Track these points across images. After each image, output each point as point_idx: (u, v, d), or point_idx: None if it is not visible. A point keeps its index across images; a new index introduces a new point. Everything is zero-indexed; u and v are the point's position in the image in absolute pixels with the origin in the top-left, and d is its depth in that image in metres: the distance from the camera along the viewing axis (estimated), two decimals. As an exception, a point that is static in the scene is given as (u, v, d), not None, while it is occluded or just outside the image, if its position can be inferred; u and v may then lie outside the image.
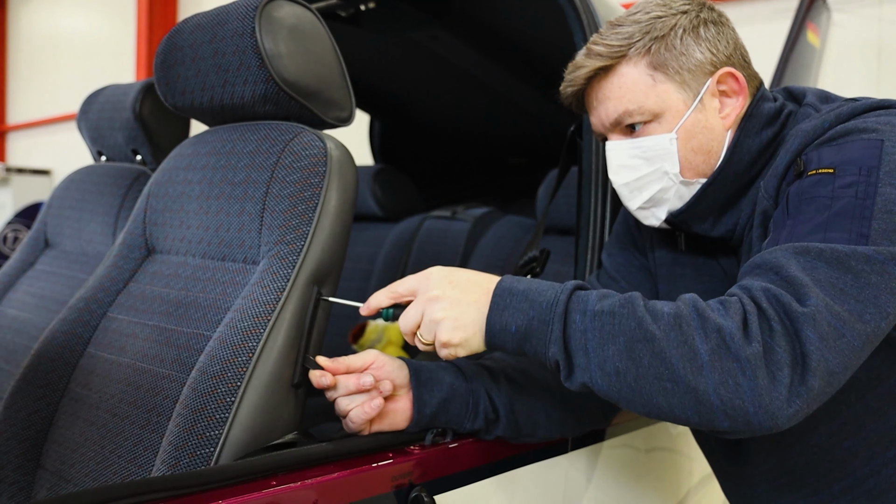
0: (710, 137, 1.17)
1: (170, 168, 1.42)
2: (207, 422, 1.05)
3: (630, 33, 1.16)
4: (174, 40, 1.36)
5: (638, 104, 1.16)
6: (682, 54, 1.15)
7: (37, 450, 1.30)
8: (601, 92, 1.19)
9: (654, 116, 1.16)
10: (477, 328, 1.01)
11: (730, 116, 1.18)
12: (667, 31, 1.16)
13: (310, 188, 1.19)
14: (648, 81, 1.16)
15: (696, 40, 1.16)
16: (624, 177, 1.21)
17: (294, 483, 0.93)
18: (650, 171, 1.18)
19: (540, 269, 1.56)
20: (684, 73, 1.16)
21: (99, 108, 2.21)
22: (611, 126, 1.20)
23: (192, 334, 1.20)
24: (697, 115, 1.16)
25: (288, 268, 1.14)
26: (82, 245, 2.07)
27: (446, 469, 1.12)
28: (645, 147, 1.17)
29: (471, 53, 2.44)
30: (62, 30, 9.83)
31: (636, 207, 1.22)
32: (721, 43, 1.18)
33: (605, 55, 1.16)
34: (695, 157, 1.17)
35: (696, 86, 1.16)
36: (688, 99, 1.16)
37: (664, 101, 1.16)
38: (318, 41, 1.29)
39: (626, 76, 1.17)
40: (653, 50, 1.15)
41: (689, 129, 1.16)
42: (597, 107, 1.21)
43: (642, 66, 1.16)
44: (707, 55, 1.16)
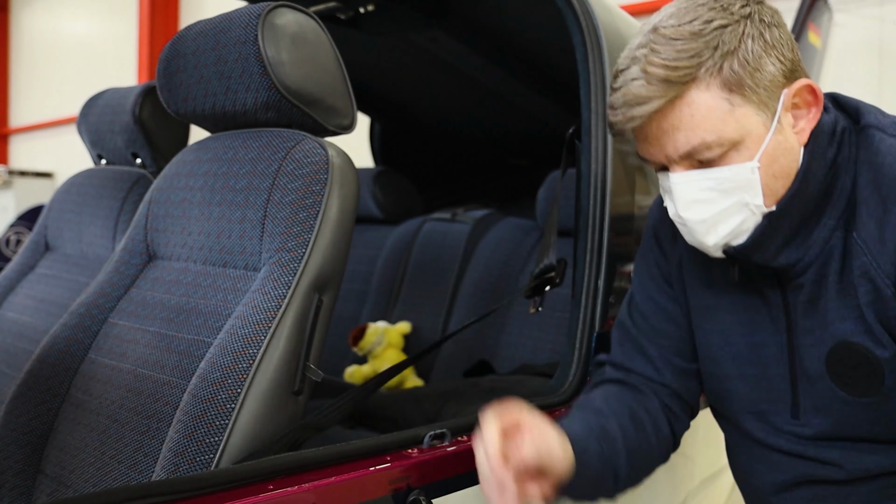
0: (790, 159, 1.04)
1: (172, 174, 1.42)
2: (207, 428, 1.05)
3: (696, 50, 0.98)
4: (177, 47, 1.36)
5: (717, 135, 1.00)
6: (756, 69, 0.99)
7: (37, 455, 1.30)
8: (667, 122, 1.02)
9: (733, 145, 1.01)
10: None
11: (804, 131, 1.05)
12: (736, 42, 0.99)
13: (311, 196, 1.19)
14: (725, 107, 0.99)
15: (766, 49, 1.00)
16: (698, 213, 1.05)
17: (292, 487, 0.94)
18: (729, 205, 1.03)
19: (560, 279, 1.56)
20: (761, 92, 1.00)
21: (99, 112, 2.21)
22: (678, 158, 1.04)
23: (192, 341, 1.20)
24: (777, 137, 1.02)
25: (289, 275, 1.14)
26: (82, 248, 2.08)
27: (445, 472, 1.12)
28: (723, 178, 1.02)
29: (470, 55, 2.45)
30: (64, 33, 9.85)
31: (712, 244, 1.07)
32: (786, 48, 1.03)
33: (673, 81, 0.99)
34: (776, 182, 1.03)
35: (772, 104, 1.02)
36: (767, 120, 1.02)
37: (744, 127, 1.00)
38: (320, 49, 1.29)
39: (698, 103, 0.99)
40: (725, 68, 0.98)
41: (771, 154, 1.02)
42: (659, 137, 1.04)
43: (716, 89, 0.99)
44: (778, 66, 1.01)
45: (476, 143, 3.13)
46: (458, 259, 2.50)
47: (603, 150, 1.51)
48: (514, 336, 2.10)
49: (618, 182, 1.53)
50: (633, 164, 1.61)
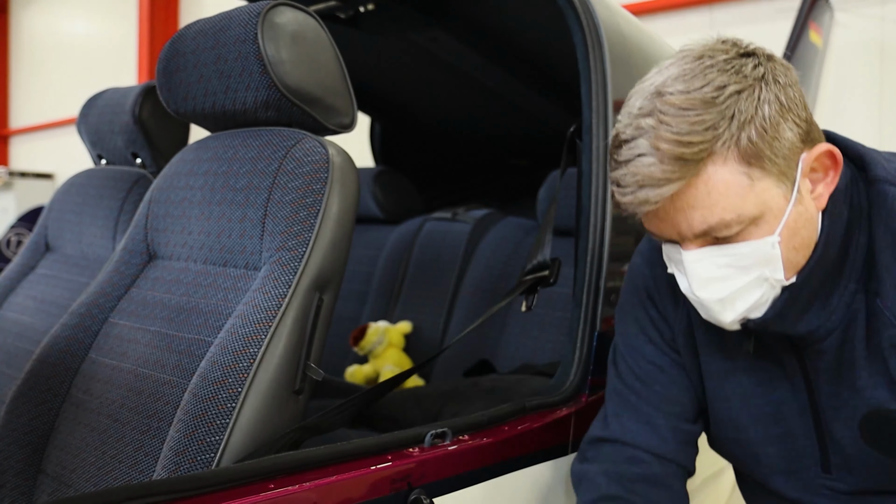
0: (810, 229, 0.97)
1: (172, 174, 1.42)
2: (208, 427, 1.05)
3: (711, 121, 0.88)
4: (176, 46, 1.36)
5: (736, 213, 0.91)
6: (774, 138, 0.90)
7: (38, 455, 1.30)
8: (682, 201, 0.92)
9: (752, 222, 0.93)
10: None
11: (822, 197, 0.97)
12: (753, 110, 0.89)
13: (312, 194, 1.19)
14: (744, 182, 0.90)
15: (783, 113, 0.91)
16: (715, 292, 0.97)
17: (293, 486, 0.93)
18: (748, 282, 0.96)
19: (553, 279, 1.54)
20: (780, 161, 0.91)
21: (98, 112, 2.21)
22: (693, 237, 0.96)
23: (193, 340, 1.20)
24: (798, 207, 0.95)
25: (290, 274, 1.14)
26: (83, 248, 2.08)
27: (446, 471, 1.12)
28: (741, 255, 0.95)
29: (470, 55, 2.44)
30: (64, 34, 9.85)
31: (729, 321, 1.00)
32: (800, 107, 0.94)
33: (689, 159, 0.89)
34: (797, 255, 0.96)
35: (791, 173, 0.93)
36: (787, 191, 0.93)
37: (765, 202, 0.92)
38: (320, 47, 1.29)
39: (715, 180, 0.90)
40: (743, 139, 0.89)
41: (792, 227, 0.95)
42: (672, 216, 0.94)
43: (734, 164, 0.90)
44: (795, 130, 0.92)
45: (476, 143, 3.13)
46: (458, 259, 2.50)
47: (604, 149, 1.50)
48: (515, 336, 2.10)
49: (618, 181, 1.53)
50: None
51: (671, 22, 4.80)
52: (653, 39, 1.90)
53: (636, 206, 0.94)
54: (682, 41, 0.99)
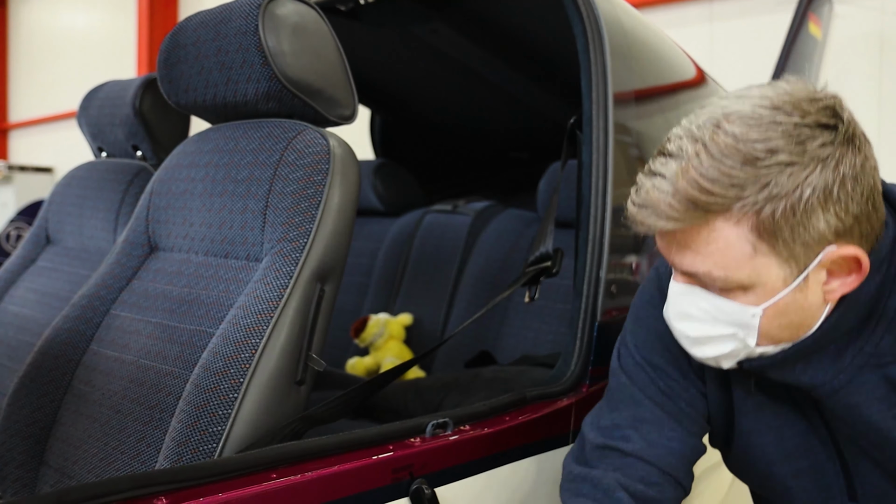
0: (803, 316, 0.93)
1: (173, 165, 1.42)
2: (210, 418, 1.05)
3: (740, 180, 0.84)
4: (177, 38, 1.36)
5: (725, 273, 0.90)
6: (800, 224, 0.85)
7: (40, 446, 1.30)
8: (682, 236, 0.91)
9: (740, 287, 0.91)
10: None
11: (835, 292, 0.92)
12: (791, 188, 0.83)
13: (313, 185, 1.19)
14: (747, 250, 0.87)
15: (825, 203, 0.84)
16: (688, 328, 0.98)
17: (295, 476, 0.94)
18: (721, 334, 0.95)
19: (556, 269, 1.53)
20: (796, 247, 0.87)
21: (99, 105, 2.21)
22: (682, 273, 0.96)
23: (195, 331, 1.20)
24: (796, 295, 0.91)
25: (291, 265, 1.15)
26: (83, 241, 2.08)
27: (447, 461, 1.12)
28: (721, 309, 0.93)
29: (471, 47, 2.44)
30: (63, 26, 9.83)
31: (699, 357, 1.01)
32: (854, 200, 0.85)
33: (700, 207, 0.86)
34: (779, 332, 0.94)
35: (805, 260, 0.88)
36: (789, 276, 0.89)
37: (759, 276, 0.89)
38: (321, 39, 1.29)
39: (719, 234, 0.87)
40: (765, 212, 0.84)
41: (780, 309, 0.92)
42: (671, 248, 0.94)
43: (744, 229, 0.86)
44: (833, 223, 0.86)
45: (477, 136, 3.13)
46: (459, 251, 2.50)
47: (604, 141, 1.50)
48: (516, 327, 2.10)
49: (619, 173, 1.53)
50: (634, 155, 1.61)
51: (671, 14, 4.79)
52: (653, 31, 1.89)
53: (635, 221, 0.92)
54: (682, 34, 0.95)
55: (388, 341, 2.37)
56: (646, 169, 0.93)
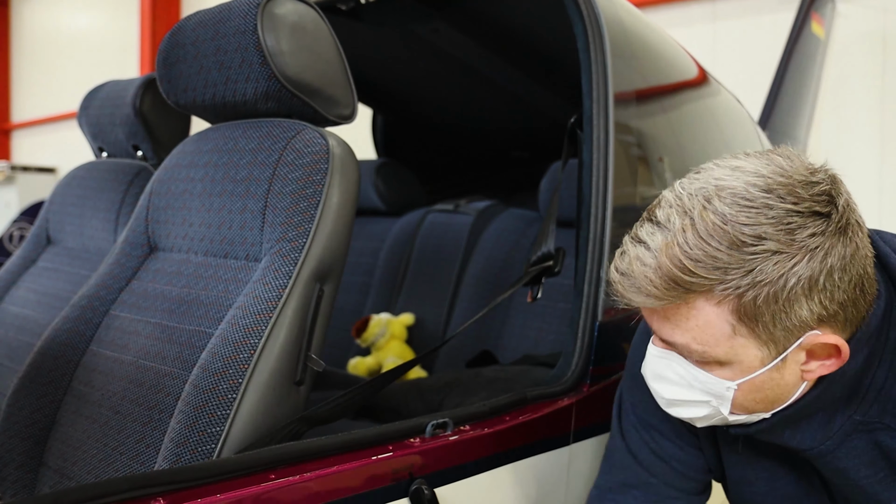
0: (779, 392, 0.93)
1: (172, 165, 1.42)
2: (209, 418, 1.05)
3: (724, 264, 0.83)
4: (176, 38, 1.36)
5: (703, 348, 0.90)
6: (782, 310, 0.85)
7: (40, 447, 1.30)
8: (663, 310, 0.91)
9: (717, 363, 0.91)
10: None
11: (814, 373, 0.92)
12: (775, 278, 0.83)
13: (312, 185, 1.19)
14: (726, 330, 0.87)
15: (810, 293, 0.84)
16: (663, 390, 0.98)
17: (294, 476, 0.93)
18: (696, 400, 0.95)
19: (558, 268, 1.54)
20: (776, 332, 0.87)
21: (99, 105, 2.21)
22: (660, 339, 0.96)
23: (194, 331, 1.20)
24: (772, 374, 0.91)
25: (290, 265, 1.14)
26: (84, 241, 2.08)
27: (447, 461, 1.12)
28: (696, 378, 0.94)
29: (472, 46, 2.44)
30: (65, 27, 9.85)
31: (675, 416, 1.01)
32: (840, 289, 0.85)
33: (682, 286, 0.85)
34: (754, 405, 0.95)
35: (784, 343, 0.88)
36: (766, 357, 0.89)
37: (736, 355, 0.89)
38: (320, 38, 1.29)
39: (699, 311, 0.87)
40: (747, 297, 0.84)
41: (755, 385, 0.92)
42: (651, 315, 0.94)
43: (725, 311, 0.86)
44: (816, 310, 0.85)
45: (478, 135, 3.12)
46: (460, 250, 2.50)
47: (605, 140, 1.50)
48: (517, 327, 2.10)
49: (620, 172, 1.53)
50: (635, 155, 1.61)
51: (674, 13, 4.79)
52: (654, 30, 1.89)
53: (617, 293, 0.92)
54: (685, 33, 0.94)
55: (390, 341, 2.37)
56: (633, 233, 0.92)
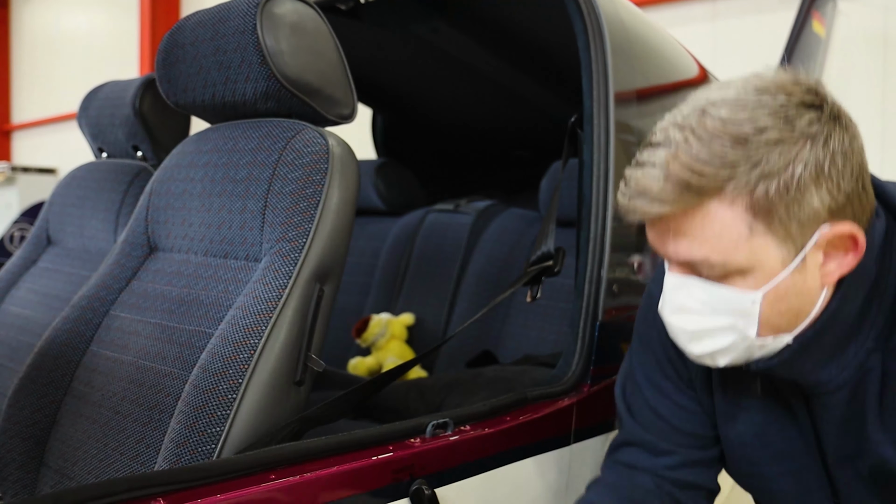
0: (803, 300, 0.92)
1: (172, 166, 1.42)
2: (209, 419, 1.05)
3: (731, 160, 0.84)
4: (175, 38, 1.36)
5: (723, 257, 0.88)
6: (795, 201, 0.85)
7: (40, 447, 1.30)
8: (676, 225, 0.89)
9: (738, 272, 0.89)
10: None
11: (832, 274, 0.91)
12: (783, 166, 0.84)
13: (312, 185, 1.19)
14: (743, 231, 0.86)
15: (818, 181, 0.85)
16: (685, 322, 0.96)
17: (294, 476, 0.93)
18: (719, 325, 0.93)
19: (558, 268, 1.53)
20: (792, 225, 0.86)
21: (99, 105, 2.21)
22: (678, 263, 0.94)
23: (194, 332, 1.20)
24: (795, 277, 0.89)
25: (290, 265, 1.14)
26: (84, 242, 2.08)
27: (447, 461, 1.12)
28: (719, 297, 0.91)
29: (472, 46, 2.44)
30: (65, 28, 9.84)
31: (695, 353, 0.99)
32: (845, 177, 0.86)
33: (693, 189, 0.85)
34: (779, 319, 0.92)
35: (801, 240, 0.88)
36: (787, 257, 0.88)
37: (757, 258, 0.88)
38: (319, 38, 1.29)
39: (714, 218, 0.87)
40: (758, 190, 0.84)
41: (780, 292, 0.90)
42: (663, 235, 0.92)
43: (739, 210, 0.86)
44: (826, 200, 0.86)
45: (479, 135, 3.12)
46: (461, 250, 2.50)
47: (605, 139, 1.50)
48: (518, 327, 2.09)
49: (620, 171, 1.52)
50: (635, 154, 1.60)
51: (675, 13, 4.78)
52: (655, 29, 1.89)
53: (627, 211, 0.92)
54: (685, 32, 0.95)
55: (390, 341, 2.37)
56: (633, 162, 0.92)
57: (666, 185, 0.86)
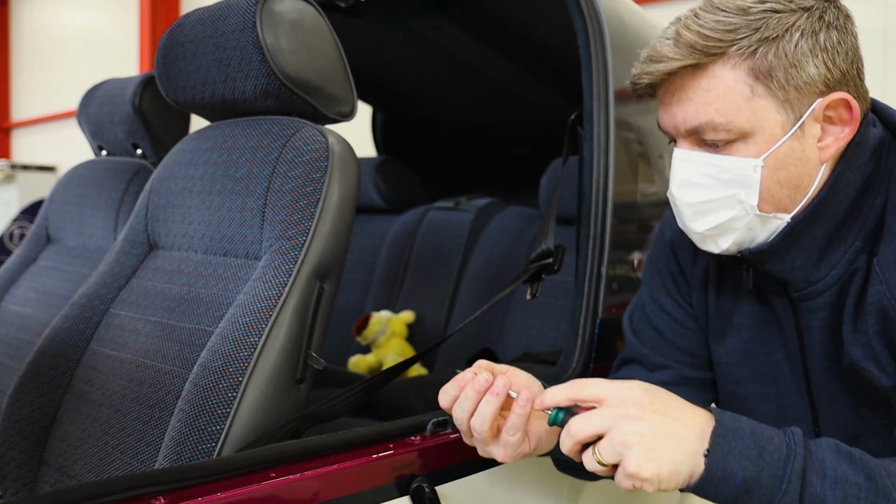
0: (801, 171, 0.97)
1: (171, 163, 1.42)
2: (209, 417, 1.05)
3: (735, 25, 0.93)
4: (175, 35, 1.36)
5: (726, 118, 0.95)
6: (792, 66, 0.93)
7: (40, 446, 1.30)
8: (683, 91, 0.97)
9: (741, 136, 0.96)
10: (673, 467, 0.85)
11: (829, 148, 0.98)
12: (781, 31, 0.92)
13: (311, 183, 1.19)
14: (745, 92, 0.94)
15: (814, 49, 0.93)
16: (689, 195, 1.01)
17: (294, 475, 0.93)
18: (722, 197, 0.99)
19: (557, 266, 1.54)
20: (790, 90, 0.94)
21: (98, 103, 2.21)
22: (685, 133, 1.00)
23: (194, 330, 1.20)
24: (793, 144, 0.96)
25: (290, 263, 1.14)
26: (84, 240, 2.08)
27: (448, 460, 1.12)
28: (723, 167, 0.98)
29: (472, 43, 2.43)
30: (65, 26, 9.83)
31: (698, 231, 1.03)
32: (840, 55, 0.95)
33: (699, 49, 0.93)
34: (779, 190, 0.98)
35: (799, 107, 0.95)
36: (786, 122, 0.95)
37: (758, 121, 0.95)
38: (319, 36, 1.29)
39: (718, 80, 0.95)
40: (759, 53, 0.93)
41: (779, 159, 0.96)
42: (673, 105, 1.00)
43: (741, 72, 0.94)
44: (822, 70, 0.94)
45: (479, 133, 3.12)
46: (461, 248, 2.50)
47: (605, 137, 1.50)
48: (518, 324, 2.09)
49: (620, 169, 1.52)
50: (635, 152, 1.60)
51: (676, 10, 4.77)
52: (655, 27, 1.89)
53: (639, 77, 0.99)
54: None
55: (391, 339, 2.37)
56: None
57: (675, 48, 0.95)
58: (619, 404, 0.87)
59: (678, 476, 0.85)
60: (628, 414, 0.86)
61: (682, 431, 0.86)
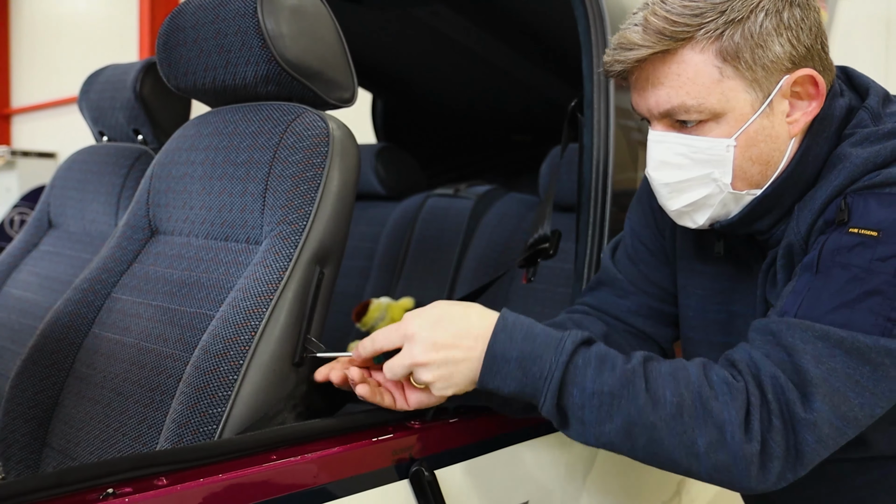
0: (772, 147, 1.02)
1: (172, 149, 1.42)
2: (210, 399, 1.06)
3: (701, 9, 0.96)
4: (176, 21, 1.36)
5: (698, 100, 0.99)
6: (758, 46, 0.96)
7: (43, 428, 1.31)
8: (654, 75, 1.01)
9: (713, 116, 1.00)
10: (469, 382, 1.01)
11: (798, 123, 1.02)
12: (746, 13, 0.96)
13: (312, 168, 1.19)
14: (714, 75, 0.97)
15: (778, 28, 0.97)
16: (665, 176, 1.05)
17: (294, 457, 0.94)
18: (697, 176, 1.03)
19: (553, 251, 1.55)
20: (757, 70, 0.97)
21: (100, 89, 2.21)
22: (658, 116, 1.04)
23: (195, 314, 1.21)
24: (763, 121, 1.00)
25: (290, 247, 1.15)
26: (85, 225, 2.08)
27: (447, 444, 1.12)
28: (696, 147, 1.02)
29: (472, 29, 2.43)
30: (65, 11, 9.80)
31: (674, 209, 1.08)
32: (804, 31, 0.98)
33: (668, 35, 0.97)
34: (751, 167, 1.02)
35: (767, 85, 0.99)
36: (755, 101, 0.99)
37: (728, 101, 0.99)
38: (320, 22, 1.29)
39: (688, 64, 0.98)
40: (725, 36, 0.96)
41: (751, 137, 1.00)
42: (646, 89, 1.03)
43: (710, 55, 0.97)
44: (787, 48, 0.98)
45: (479, 119, 3.12)
46: (461, 234, 2.50)
47: (605, 124, 1.50)
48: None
49: (620, 156, 1.53)
50: (635, 139, 1.60)
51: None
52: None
53: (611, 65, 1.02)
54: None
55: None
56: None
57: (644, 35, 0.98)
58: (409, 352, 1.00)
59: (467, 388, 1.02)
60: (418, 362, 0.99)
61: (465, 356, 0.99)
